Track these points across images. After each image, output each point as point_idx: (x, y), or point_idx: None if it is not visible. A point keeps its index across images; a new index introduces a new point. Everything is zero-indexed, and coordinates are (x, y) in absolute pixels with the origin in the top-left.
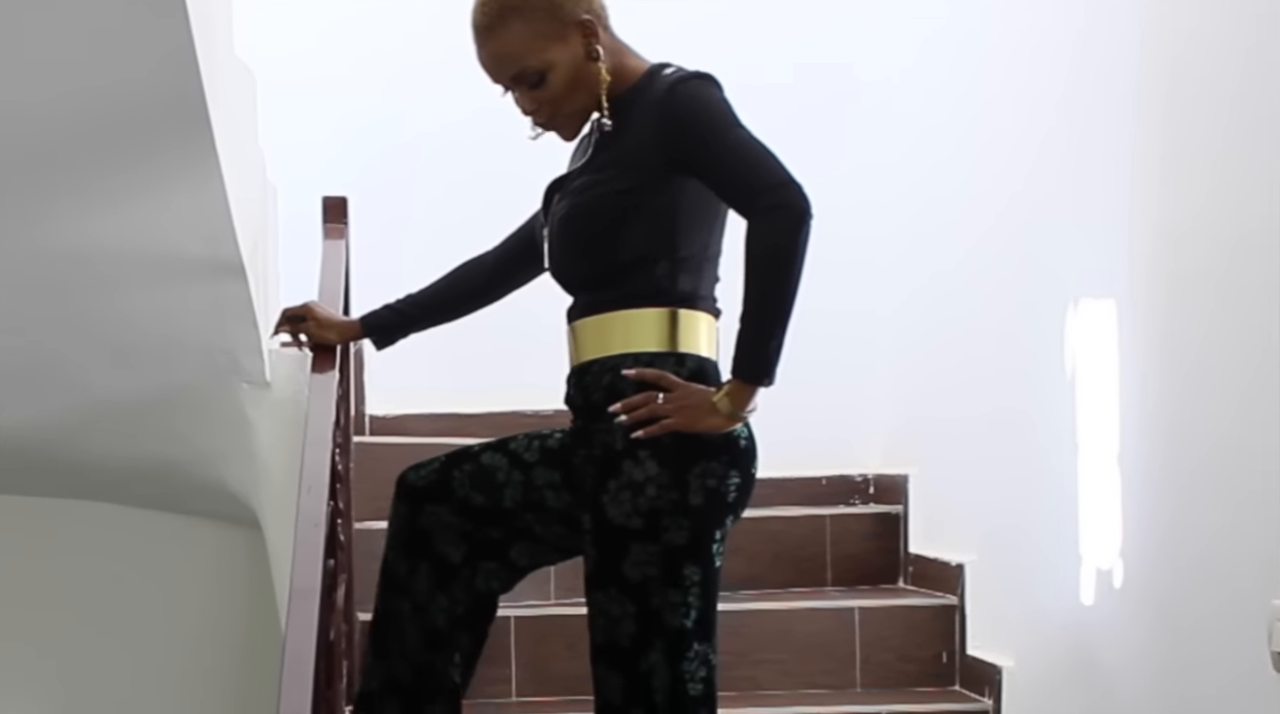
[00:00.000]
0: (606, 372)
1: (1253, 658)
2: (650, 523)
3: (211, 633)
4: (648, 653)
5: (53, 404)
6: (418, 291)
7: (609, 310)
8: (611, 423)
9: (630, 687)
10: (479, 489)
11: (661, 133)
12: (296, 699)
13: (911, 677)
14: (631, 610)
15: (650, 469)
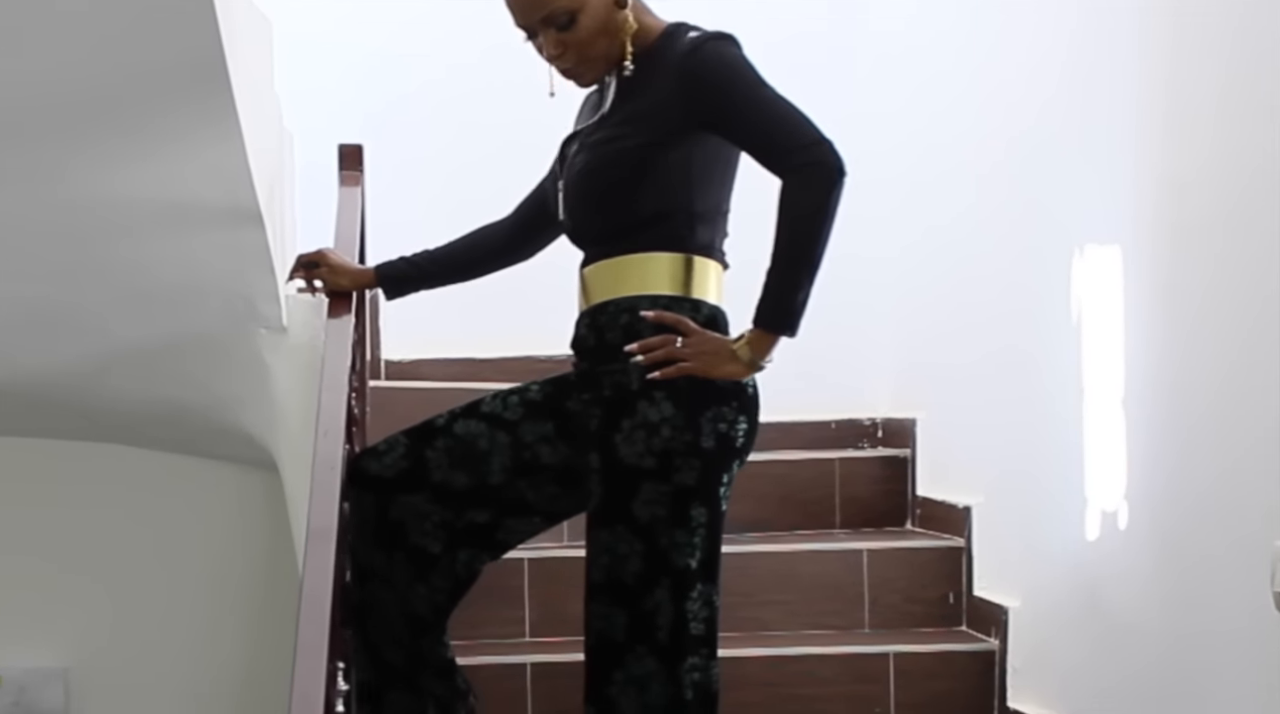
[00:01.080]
0: (623, 312)
1: (1256, 599)
2: (662, 463)
3: (229, 574)
4: (653, 590)
5: (72, 349)
6: (434, 248)
7: (625, 254)
8: (626, 363)
9: (634, 624)
10: (460, 466)
11: (684, 91)
12: (314, 639)
13: (918, 617)
14: (639, 549)
15: (665, 410)
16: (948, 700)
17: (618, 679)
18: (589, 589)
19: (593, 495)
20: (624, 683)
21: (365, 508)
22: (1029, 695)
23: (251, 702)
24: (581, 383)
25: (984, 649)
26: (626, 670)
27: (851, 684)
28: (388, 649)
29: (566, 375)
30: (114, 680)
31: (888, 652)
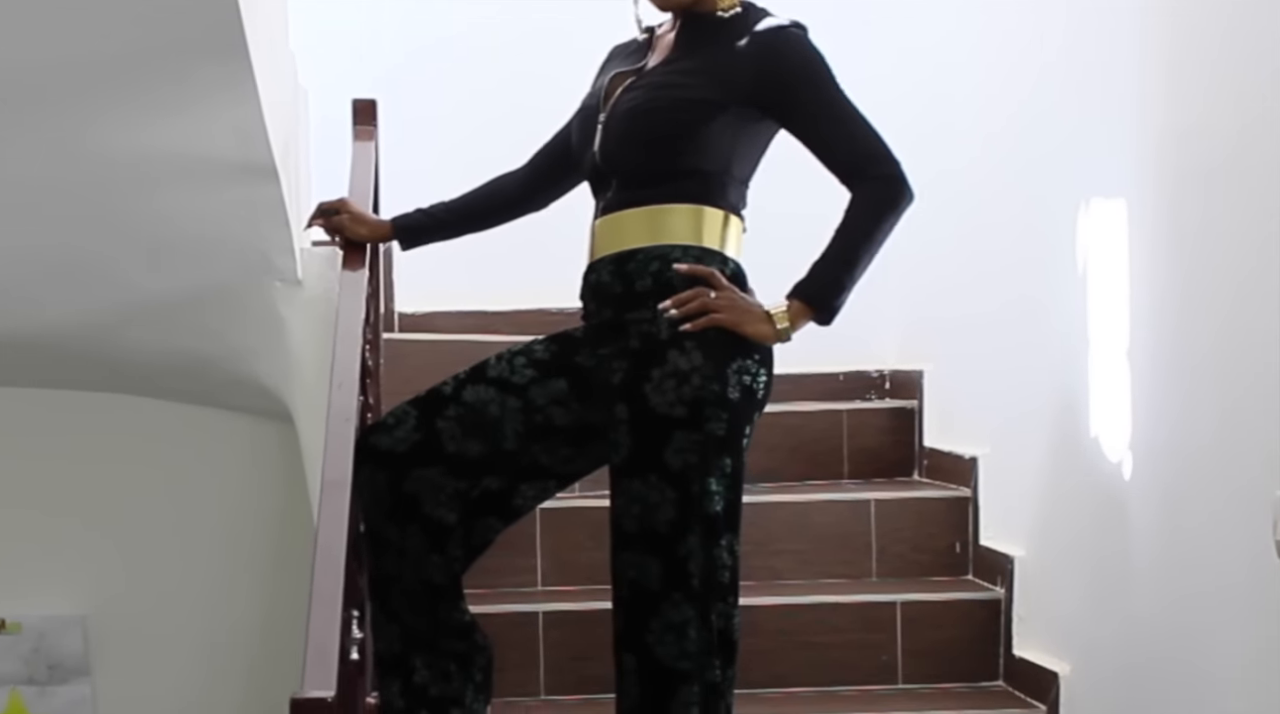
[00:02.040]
0: (653, 260)
1: (1257, 548)
2: (693, 412)
3: (245, 524)
4: (686, 538)
5: (91, 301)
6: (450, 199)
7: (660, 203)
8: (655, 312)
9: (668, 571)
10: (473, 434)
11: (760, 68)
12: (328, 588)
13: (925, 566)
14: (671, 496)
15: (695, 359)
16: (954, 648)
17: (655, 627)
18: (619, 540)
19: (618, 447)
20: (661, 630)
21: (377, 485)
22: (1034, 643)
23: (267, 649)
24: (597, 336)
25: (990, 598)
26: (664, 618)
27: (860, 632)
28: (408, 617)
29: (571, 331)
30: (132, 628)
31: (895, 600)
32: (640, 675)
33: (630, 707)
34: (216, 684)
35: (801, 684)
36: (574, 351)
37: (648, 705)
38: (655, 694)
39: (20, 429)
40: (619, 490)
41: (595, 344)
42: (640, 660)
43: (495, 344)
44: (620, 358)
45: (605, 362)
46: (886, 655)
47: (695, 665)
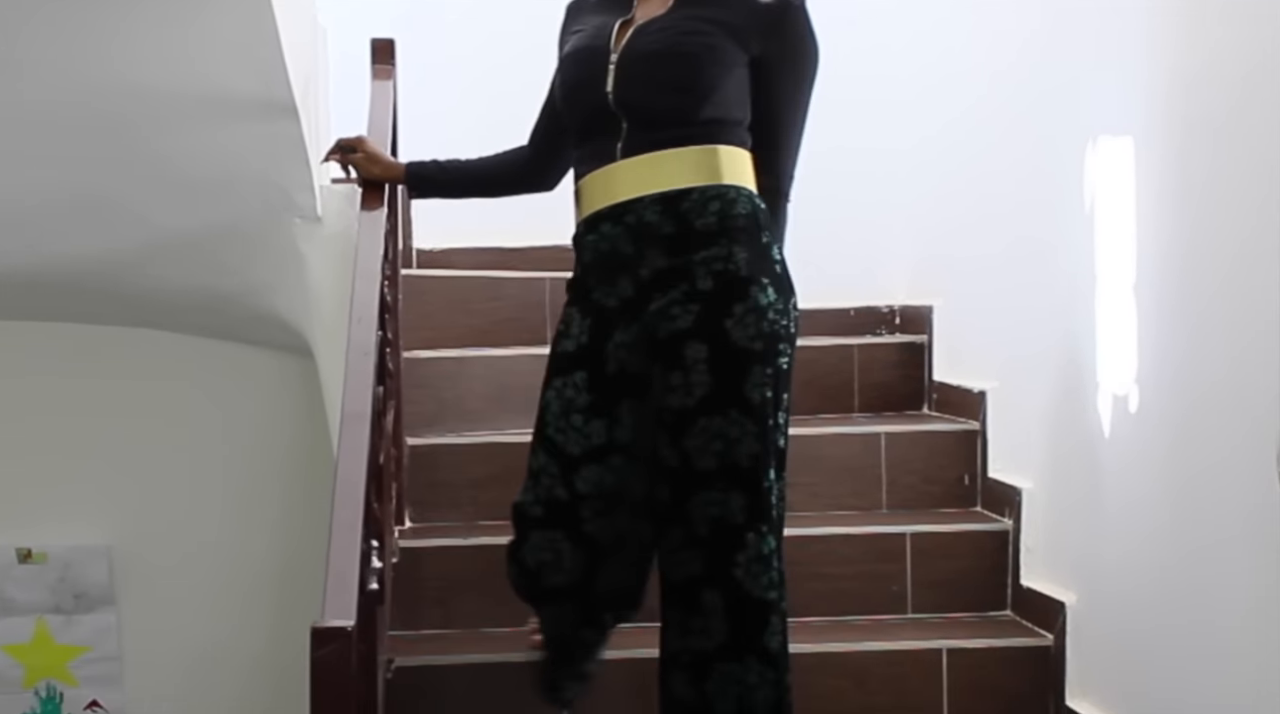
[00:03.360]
0: (712, 199)
1: (1261, 481)
2: (769, 346)
3: (266, 456)
4: (768, 471)
5: (113, 238)
6: (465, 160)
7: (704, 143)
8: (729, 249)
9: (753, 504)
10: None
11: (768, 39)
12: (348, 518)
13: (935, 498)
14: (753, 430)
15: (771, 295)
16: (963, 578)
17: (741, 560)
18: (694, 480)
19: (689, 388)
20: (749, 562)
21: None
22: (1041, 573)
23: (288, 578)
24: (641, 293)
25: (998, 529)
26: (750, 550)
27: (870, 563)
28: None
29: (587, 333)
30: (155, 557)
31: (905, 531)
32: (729, 611)
33: (719, 644)
34: (238, 612)
35: (813, 614)
36: (604, 344)
37: (741, 640)
38: (747, 627)
39: (45, 363)
40: (692, 430)
41: (635, 307)
42: (728, 596)
43: (511, 280)
44: (689, 301)
45: (663, 311)
46: (897, 586)
47: (780, 595)
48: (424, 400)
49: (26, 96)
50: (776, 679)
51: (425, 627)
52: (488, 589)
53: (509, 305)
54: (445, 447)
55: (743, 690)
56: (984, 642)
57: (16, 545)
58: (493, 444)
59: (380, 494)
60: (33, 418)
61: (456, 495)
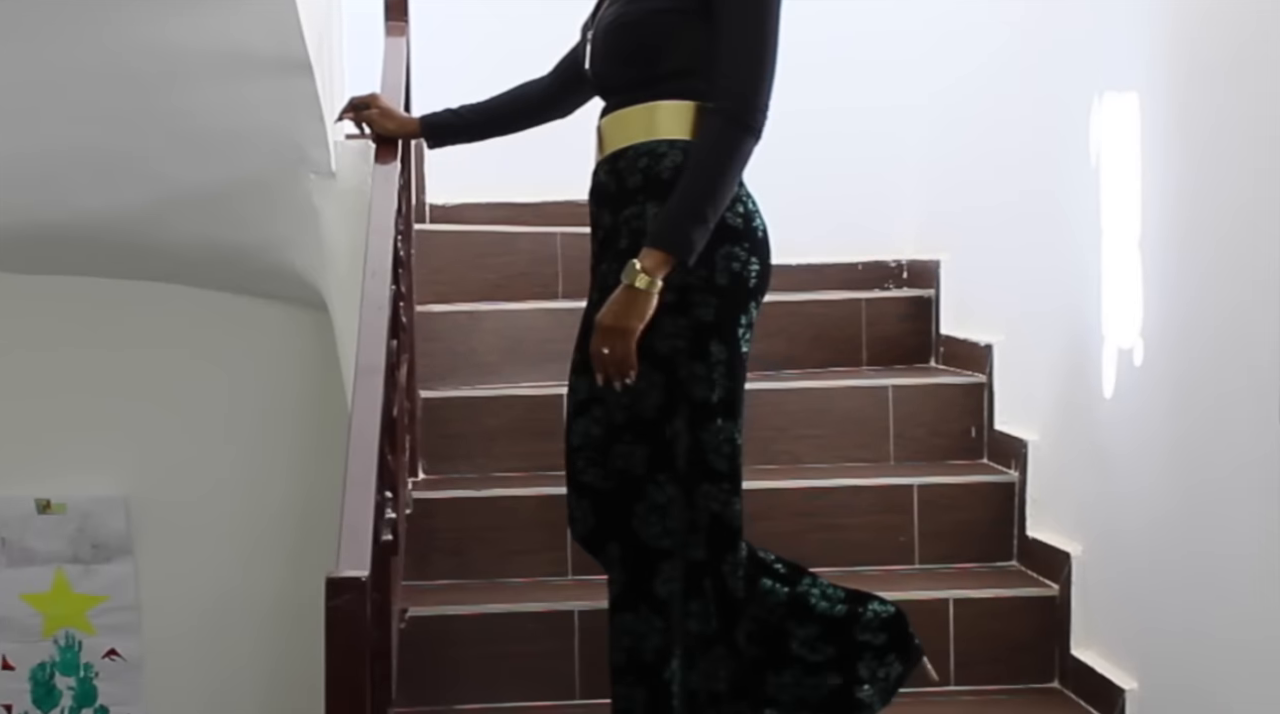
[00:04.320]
0: (642, 156)
1: (1266, 434)
2: (681, 297)
3: (281, 409)
4: (672, 420)
5: (129, 193)
6: (477, 102)
7: (648, 101)
8: (643, 207)
9: (654, 454)
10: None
11: None
12: (362, 470)
13: (942, 450)
14: (659, 381)
15: None
16: (969, 529)
17: (639, 510)
18: (612, 433)
19: None
20: (645, 512)
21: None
22: (1047, 524)
23: (303, 530)
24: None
25: (1004, 481)
26: (648, 500)
27: (878, 514)
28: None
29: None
30: (172, 509)
31: (913, 483)
32: (624, 561)
33: (618, 593)
34: (254, 563)
35: (822, 565)
36: (589, 306)
37: (633, 587)
38: (639, 575)
39: (63, 316)
40: (609, 389)
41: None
42: (624, 546)
43: (524, 235)
44: (615, 261)
45: (605, 271)
46: (904, 536)
47: (676, 543)
48: (437, 354)
49: (45, 55)
50: (664, 627)
51: (439, 577)
52: (500, 540)
53: (521, 260)
54: (458, 399)
55: (632, 640)
56: (990, 592)
57: (35, 496)
58: (505, 397)
59: (394, 446)
60: (51, 371)
61: (469, 447)
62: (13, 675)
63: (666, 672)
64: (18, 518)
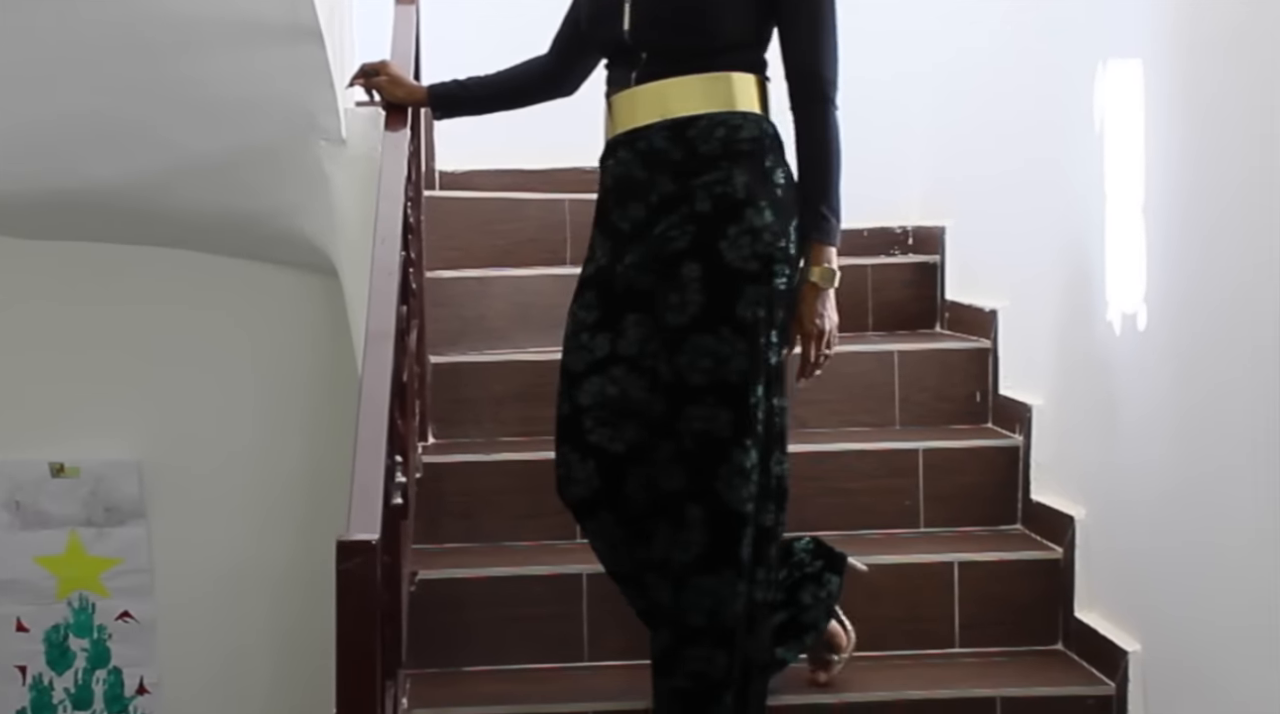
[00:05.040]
0: (718, 126)
1: (1269, 398)
2: (764, 267)
3: (292, 374)
4: (755, 387)
5: (142, 161)
6: (484, 75)
7: (715, 71)
8: (729, 173)
9: (740, 419)
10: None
11: None
12: (372, 434)
13: (947, 415)
14: (743, 348)
15: (768, 217)
16: (974, 493)
17: (723, 473)
18: (684, 395)
19: (684, 306)
20: (729, 475)
21: (605, 523)
22: (1051, 489)
23: (313, 493)
24: (651, 215)
25: (1009, 445)
26: (732, 463)
27: (883, 478)
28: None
29: (604, 254)
30: (184, 472)
31: (918, 447)
32: (708, 523)
33: (698, 555)
34: (265, 526)
35: (828, 528)
36: (616, 265)
37: (716, 552)
38: (723, 539)
39: (77, 283)
40: (684, 347)
41: (645, 228)
42: (708, 508)
43: (532, 202)
44: (687, 223)
45: (664, 234)
46: (909, 500)
47: (755, 509)
48: (447, 319)
49: (58, 25)
50: (748, 592)
51: (448, 540)
52: (509, 504)
53: (530, 226)
54: (467, 364)
55: (714, 603)
56: (994, 555)
57: (49, 460)
58: (514, 362)
59: (404, 411)
60: (65, 336)
61: (478, 412)
62: (27, 637)
63: (746, 638)
64: (32, 481)
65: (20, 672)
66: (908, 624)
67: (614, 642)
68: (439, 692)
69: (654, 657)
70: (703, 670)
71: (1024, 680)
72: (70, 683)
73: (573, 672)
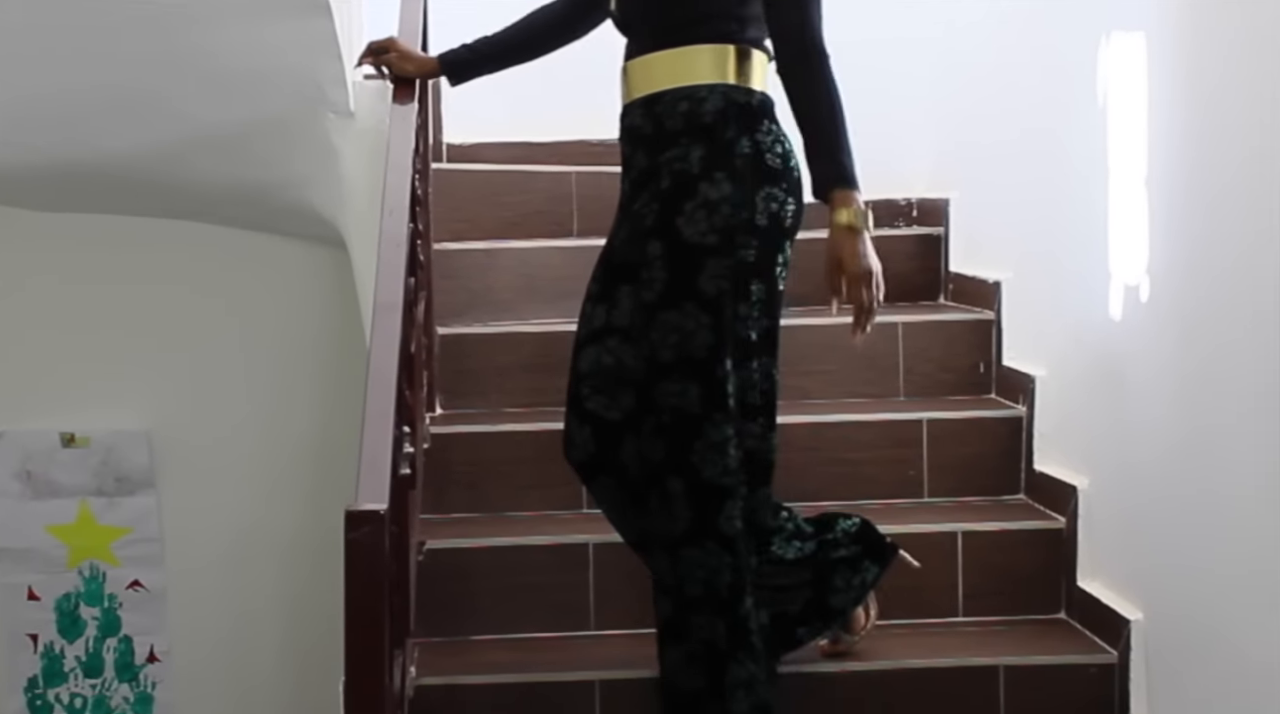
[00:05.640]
0: (681, 100)
1: (1269, 369)
2: (724, 239)
3: (301, 345)
4: (723, 361)
5: (152, 133)
6: (491, 34)
7: (684, 45)
8: (688, 149)
9: (708, 394)
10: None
11: None
12: (380, 405)
13: (950, 385)
14: (706, 322)
15: (724, 189)
16: (977, 463)
17: (698, 448)
18: (657, 371)
19: (652, 284)
20: (704, 450)
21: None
22: (1054, 459)
23: (322, 464)
24: (633, 193)
25: (1012, 415)
26: (705, 438)
27: (887, 448)
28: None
29: (611, 235)
30: (194, 442)
31: (921, 418)
32: (689, 496)
33: (684, 529)
34: (274, 496)
35: (831, 498)
36: (615, 239)
37: (700, 525)
38: (704, 511)
39: (88, 253)
40: (655, 324)
41: (630, 204)
42: (688, 482)
43: (539, 175)
44: (654, 200)
45: (639, 211)
46: (912, 470)
47: (735, 481)
48: (454, 291)
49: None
50: (734, 563)
51: (455, 510)
52: (516, 474)
53: (537, 199)
54: (475, 336)
55: (707, 574)
56: (998, 525)
57: (60, 430)
58: (521, 333)
59: (411, 382)
60: (74, 307)
61: (485, 383)
62: (39, 605)
63: (742, 607)
64: (42, 451)
65: (32, 640)
66: (910, 593)
67: (620, 610)
68: (447, 660)
69: (661, 624)
70: (709, 639)
71: (1026, 649)
72: (81, 651)
73: (579, 640)
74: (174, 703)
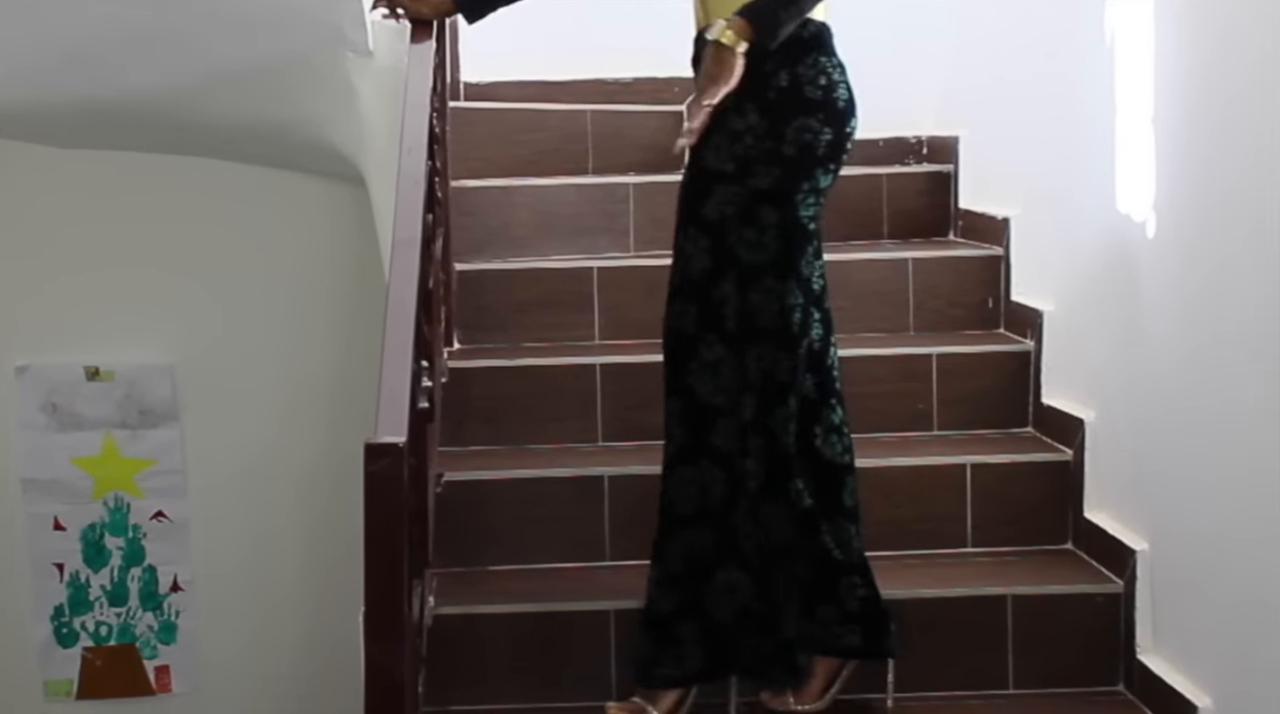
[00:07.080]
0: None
1: (1272, 302)
2: (741, 167)
3: (321, 281)
4: (720, 284)
5: (173, 69)
6: None
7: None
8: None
9: (703, 315)
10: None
11: None
12: (399, 340)
13: (960, 321)
14: (705, 246)
15: (751, 120)
16: (986, 396)
17: (693, 367)
18: (668, 295)
19: (678, 212)
20: (698, 369)
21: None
22: (1060, 392)
23: (342, 398)
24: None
25: (1020, 350)
26: (699, 358)
27: (898, 382)
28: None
29: None
30: (217, 376)
31: (931, 352)
32: (683, 415)
33: (678, 446)
34: (295, 428)
35: None
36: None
37: (691, 441)
38: (697, 430)
39: (110, 190)
40: (674, 248)
41: None
42: (684, 401)
43: (554, 113)
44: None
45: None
46: (923, 404)
47: (728, 401)
48: (471, 227)
49: None
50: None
51: (473, 443)
52: (532, 407)
53: (552, 137)
54: (492, 272)
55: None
56: (1006, 457)
57: (85, 363)
58: (537, 269)
59: (430, 317)
60: (98, 243)
61: (502, 318)
62: (64, 536)
63: (734, 518)
64: (67, 384)
65: (58, 569)
66: (921, 525)
67: (634, 542)
68: (465, 589)
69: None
70: (697, 553)
71: (1034, 579)
72: (106, 580)
73: (594, 570)
74: (197, 630)
